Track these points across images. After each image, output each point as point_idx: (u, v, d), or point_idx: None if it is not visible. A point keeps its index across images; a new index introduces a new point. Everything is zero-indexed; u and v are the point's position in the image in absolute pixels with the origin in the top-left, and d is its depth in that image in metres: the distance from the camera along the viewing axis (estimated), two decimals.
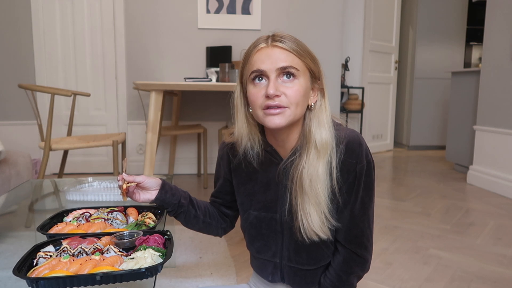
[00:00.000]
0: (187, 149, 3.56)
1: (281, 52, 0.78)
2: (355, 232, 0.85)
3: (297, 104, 0.79)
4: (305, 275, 0.90)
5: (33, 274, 0.70)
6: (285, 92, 0.78)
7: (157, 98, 2.33)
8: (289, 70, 0.78)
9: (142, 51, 3.42)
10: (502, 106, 2.94)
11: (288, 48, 0.78)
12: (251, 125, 0.87)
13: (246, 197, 0.94)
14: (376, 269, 1.68)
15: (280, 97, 0.78)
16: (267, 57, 0.78)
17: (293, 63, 0.78)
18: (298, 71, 0.79)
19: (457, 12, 4.97)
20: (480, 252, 1.87)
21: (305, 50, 0.81)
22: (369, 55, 4.53)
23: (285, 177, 0.87)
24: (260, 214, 0.91)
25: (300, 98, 0.79)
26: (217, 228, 1.02)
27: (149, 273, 0.70)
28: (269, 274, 0.94)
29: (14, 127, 3.41)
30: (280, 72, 0.78)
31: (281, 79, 0.79)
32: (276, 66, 0.78)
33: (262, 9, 3.47)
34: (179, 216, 0.96)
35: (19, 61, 3.36)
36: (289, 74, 0.78)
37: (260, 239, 0.92)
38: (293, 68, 0.78)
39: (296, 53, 0.79)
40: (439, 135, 5.12)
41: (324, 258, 0.89)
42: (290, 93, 0.78)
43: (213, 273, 1.59)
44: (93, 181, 1.50)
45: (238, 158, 0.92)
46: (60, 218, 1.05)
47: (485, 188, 3.09)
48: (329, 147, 0.81)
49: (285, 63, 0.78)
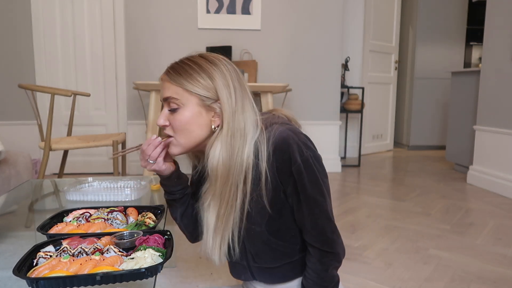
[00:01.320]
0: None
1: (165, 84, 0.83)
2: (318, 231, 0.83)
3: (181, 133, 0.81)
4: (273, 272, 0.91)
5: (33, 274, 0.70)
6: (170, 122, 0.82)
7: (157, 98, 2.34)
8: (170, 101, 0.81)
9: (142, 51, 3.42)
10: (502, 106, 2.94)
11: (169, 80, 0.82)
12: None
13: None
14: (376, 269, 1.68)
15: (168, 126, 0.83)
16: (160, 89, 0.85)
17: (172, 94, 0.81)
18: (178, 100, 0.80)
19: (457, 12, 4.97)
20: (480, 252, 1.87)
21: (190, 77, 0.80)
22: (369, 55, 4.53)
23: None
24: None
25: (183, 126, 0.81)
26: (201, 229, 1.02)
27: (149, 273, 0.70)
28: (241, 274, 0.97)
29: (14, 127, 3.41)
30: (166, 103, 0.83)
31: (168, 109, 0.83)
32: (162, 98, 0.83)
33: (262, 9, 3.47)
34: (184, 199, 0.94)
35: (19, 61, 3.36)
36: (172, 105, 0.81)
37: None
38: (173, 98, 0.81)
39: (178, 83, 0.80)
40: (439, 135, 5.12)
41: (287, 256, 0.88)
42: (173, 123, 0.82)
43: (213, 273, 1.59)
44: (93, 181, 1.50)
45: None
46: (60, 218, 1.05)
47: (485, 188, 3.09)
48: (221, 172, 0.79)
49: (167, 94, 0.81)
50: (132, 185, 1.49)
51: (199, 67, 0.82)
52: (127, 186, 1.48)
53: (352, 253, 1.84)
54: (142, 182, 1.50)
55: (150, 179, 1.64)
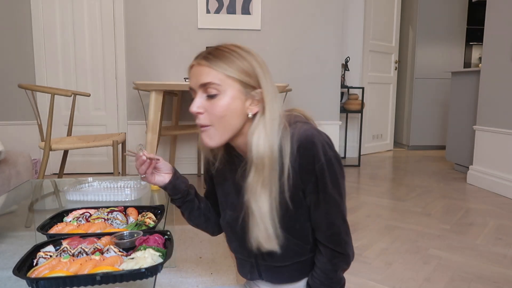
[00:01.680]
0: (187, 149, 3.56)
1: (201, 69, 0.79)
2: (332, 231, 0.84)
3: (220, 120, 0.79)
4: (281, 271, 0.91)
5: (33, 274, 0.70)
6: (208, 109, 0.79)
7: (157, 98, 2.33)
8: (210, 86, 0.79)
9: (142, 51, 3.42)
10: (502, 106, 2.94)
11: (209, 65, 0.79)
12: None
13: (222, 197, 0.95)
14: (376, 269, 1.68)
15: (203, 114, 0.80)
16: (193, 75, 0.81)
17: (213, 79, 0.78)
18: (220, 86, 0.79)
19: (457, 12, 4.97)
20: (480, 252, 1.87)
21: (232, 63, 0.80)
22: (369, 55, 4.53)
23: (243, 181, 0.87)
24: (234, 214, 0.91)
25: (223, 113, 0.79)
26: (214, 225, 1.02)
27: (149, 273, 0.70)
28: (248, 273, 0.96)
29: (14, 127, 3.41)
30: (203, 90, 0.80)
31: (206, 95, 0.80)
32: (198, 84, 0.80)
33: (262, 9, 3.47)
34: (185, 205, 0.95)
35: (19, 61, 3.36)
36: (212, 91, 0.79)
37: (235, 239, 0.93)
38: (214, 84, 0.78)
39: (219, 68, 0.79)
40: (439, 135, 5.12)
41: (298, 255, 0.89)
42: (212, 110, 0.79)
43: (213, 273, 1.59)
44: (93, 181, 1.50)
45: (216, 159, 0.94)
46: (60, 218, 1.05)
47: (485, 188, 3.09)
48: (267, 159, 0.79)
49: (206, 79, 0.79)
50: (132, 185, 1.49)
51: (239, 55, 0.81)
52: (127, 186, 1.48)
53: None
54: (142, 182, 1.50)
55: None
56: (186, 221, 1.00)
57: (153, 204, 1.32)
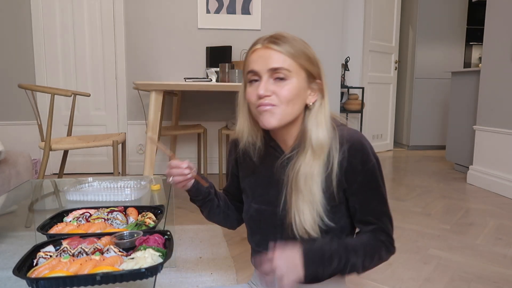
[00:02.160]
0: (187, 149, 3.56)
1: (273, 53, 0.80)
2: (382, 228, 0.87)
3: (287, 103, 0.81)
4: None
5: (33, 274, 0.70)
6: (275, 92, 0.80)
7: (157, 98, 2.33)
8: (280, 71, 0.80)
9: (142, 51, 3.42)
10: (502, 106, 2.94)
11: (280, 50, 0.80)
12: (253, 121, 0.90)
13: (249, 189, 0.96)
14: (376, 269, 1.68)
15: (271, 96, 0.80)
16: (260, 58, 0.81)
17: (284, 65, 0.80)
18: (290, 72, 0.80)
19: (457, 12, 4.97)
20: (480, 252, 1.87)
21: (300, 51, 0.82)
22: (369, 55, 4.53)
23: (283, 172, 0.88)
24: (261, 207, 0.92)
25: (291, 97, 0.81)
26: (233, 220, 1.04)
27: (149, 273, 0.70)
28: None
29: (14, 127, 3.41)
30: (272, 73, 0.80)
31: (273, 79, 0.81)
32: (267, 67, 0.80)
33: (262, 9, 3.47)
34: (206, 204, 0.97)
35: (19, 61, 3.36)
36: (280, 75, 0.80)
37: (260, 232, 0.93)
38: (284, 70, 0.80)
39: (289, 55, 0.80)
40: (439, 135, 5.12)
41: None
42: (281, 92, 0.80)
43: (213, 273, 1.59)
44: (93, 181, 1.50)
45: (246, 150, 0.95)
46: (60, 218, 1.05)
47: (485, 188, 3.09)
48: (326, 147, 0.82)
49: (276, 64, 0.80)
50: (132, 185, 1.49)
51: (305, 44, 0.84)
52: (127, 186, 1.48)
53: None
54: (142, 182, 1.50)
55: (150, 179, 1.64)
56: (205, 218, 1.02)
57: (153, 204, 1.32)
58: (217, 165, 3.47)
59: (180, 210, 2.33)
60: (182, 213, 2.30)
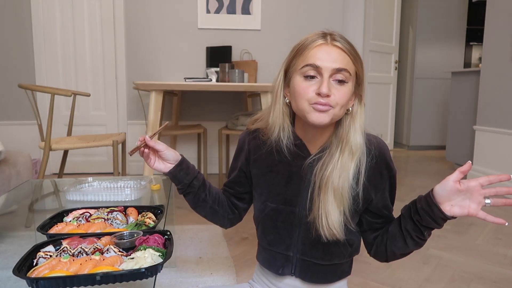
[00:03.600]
0: (187, 149, 3.56)
1: (339, 53, 0.80)
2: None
3: (341, 106, 0.81)
4: (318, 270, 0.91)
5: (33, 274, 0.70)
6: (334, 93, 0.80)
7: (157, 98, 2.33)
8: (343, 73, 0.80)
9: (142, 51, 3.42)
10: (502, 106, 2.94)
11: (346, 50, 0.80)
12: (284, 115, 0.89)
13: (265, 188, 0.94)
14: (376, 269, 1.68)
15: (330, 97, 0.80)
16: (326, 55, 0.80)
17: (347, 66, 0.80)
18: (350, 75, 0.81)
19: (457, 12, 4.97)
20: (480, 252, 1.87)
21: (358, 55, 0.83)
22: (369, 55, 4.53)
23: (309, 172, 0.88)
24: (278, 206, 0.91)
25: (345, 101, 0.81)
26: (223, 218, 1.02)
27: (149, 273, 0.70)
28: (280, 267, 0.93)
29: (14, 127, 3.41)
30: (335, 73, 0.80)
31: (333, 79, 0.80)
32: (333, 66, 0.79)
33: (262, 9, 3.47)
34: (188, 195, 0.96)
35: (19, 61, 3.36)
36: (342, 77, 0.80)
37: (274, 231, 0.92)
38: (347, 72, 0.80)
39: (352, 57, 0.81)
40: (439, 135, 5.12)
41: (339, 256, 0.90)
42: (339, 95, 0.80)
43: (213, 273, 1.59)
44: (93, 181, 1.50)
45: (265, 147, 0.93)
46: (60, 218, 1.05)
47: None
48: (361, 152, 0.84)
49: (342, 65, 0.79)
50: (132, 185, 1.49)
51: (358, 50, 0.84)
52: (127, 186, 1.48)
53: None
54: (142, 182, 1.50)
55: (150, 179, 1.64)
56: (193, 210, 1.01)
57: (153, 204, 1.32)
58: (217, 165, 3.47)
59: (180, 210, 2.33)
60: (182, 213, 2.30)
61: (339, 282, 0.95)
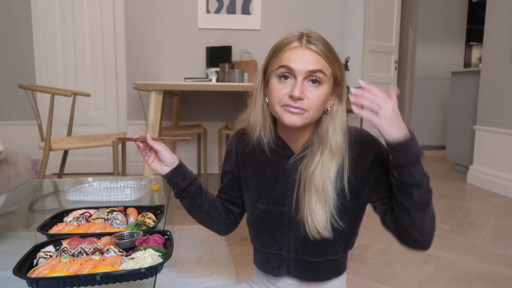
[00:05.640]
0: (187, 149, 3.56)
1: (313, 55, 0.79)
2: None
3: (316, 109, 0.81)
4: (312, 267, 0.91)
5: (33, 274, 0.70)
6: (307, 96, 0.79)
7: (157, 98, 2.33)
8: (317, 74, 0.79)
9: (142, 51, 3.42)
10: (502, 106, 2.94)
11: (320, 53, 0.80)
12: (266, 114, 0.89)
13: (254, 190, 0.94)
14: (376, 269, 1.68)
15: (303, 100, 0.79)
16: (299, 58, 0.79)
17: (323, 68, 0.80)
18: (325, 77, 0.80)
19: (457, 12, 4.97)
20: (480, 252, 1.87)
21: (335, 56, 0.82)
22: (369, 55, 4.53)
23: (294, 171, 0.88)
24: (268, 207, 0.91)
25: (320, 104, 0.81)
26: (219, 224, 1.02)
27: (149, 273, 0.70)
28: (275, 268, 0.94)
29: (14, 127, 3.41)
30: (309, 75, 0.79)
31: (307, 82, 0.80)
32: (306, 68, 0.79)
33: (262, 9, 3.47)
34: (183, 200, 0.97)
35: (19, 61, 3.36)
36: (316, 79, 0.80)
37: (266, 232, 0.93)
38: (322, 73, 0.79)
39: (327, 59, 0.80)
40: (439, 135, 5.12)
41: (331, 252, 0.90)
42: (312, 98, 0.79)
43: (213, 273, 1.59)
44: (93, 181, 1.50)
45: (249, 147, 0.93)
46: (60, 218, 1.05)
47: (485, 188, 3.09)
48: (342, 150, 0.83)
49: (315, 67, 0.79)
50: (132, 185, 1.49)
51: (335, 50, 0.83)
52: (127, 186, 1.48)
53: (352, 253, 1.84)
54: (142, 182, 1.50)
55: (150, 179, 1.64)
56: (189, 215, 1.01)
57: (153, 204, 1.32)
58: (217, 165, 3.47)
59: (180, 210, 2.33)
60: (182, 213, 2.30)
61: (337, 280, 0.95)
